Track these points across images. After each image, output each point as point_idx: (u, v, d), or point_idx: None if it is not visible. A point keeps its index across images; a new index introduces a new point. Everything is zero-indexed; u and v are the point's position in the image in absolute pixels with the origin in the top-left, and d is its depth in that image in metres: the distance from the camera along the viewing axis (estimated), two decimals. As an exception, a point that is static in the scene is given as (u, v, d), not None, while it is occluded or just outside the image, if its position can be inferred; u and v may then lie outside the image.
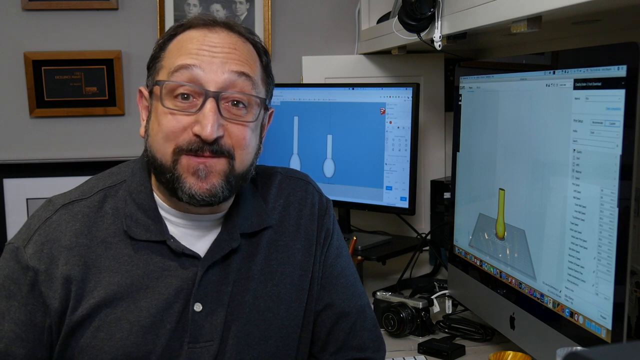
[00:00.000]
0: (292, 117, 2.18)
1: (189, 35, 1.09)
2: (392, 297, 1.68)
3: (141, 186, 1.12)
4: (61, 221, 1.09)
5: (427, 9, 1.55)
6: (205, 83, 1.05)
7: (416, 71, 2.27)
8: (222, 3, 2.33)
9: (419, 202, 2.16)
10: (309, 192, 1.24)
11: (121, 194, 1.12)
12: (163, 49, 1.11)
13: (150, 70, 1.13)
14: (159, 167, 1.07)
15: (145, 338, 1.07)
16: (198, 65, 1.05)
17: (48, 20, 2.27)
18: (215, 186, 1.06)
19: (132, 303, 1.07)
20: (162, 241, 1.09)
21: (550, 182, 1.25)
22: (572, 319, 1.19)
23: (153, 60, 1.12)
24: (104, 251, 1.08)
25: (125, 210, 1.10)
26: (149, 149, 1.09)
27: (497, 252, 1.46)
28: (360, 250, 1.98)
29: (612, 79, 1.08)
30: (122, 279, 1.07)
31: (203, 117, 1.04)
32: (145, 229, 1.09)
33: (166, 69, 1.08)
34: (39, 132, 2.31)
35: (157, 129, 1.06)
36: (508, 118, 1.42)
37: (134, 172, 1.15)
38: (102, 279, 1.07)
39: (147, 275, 1.08)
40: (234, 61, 1.07)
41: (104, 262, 1.08)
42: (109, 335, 1.06)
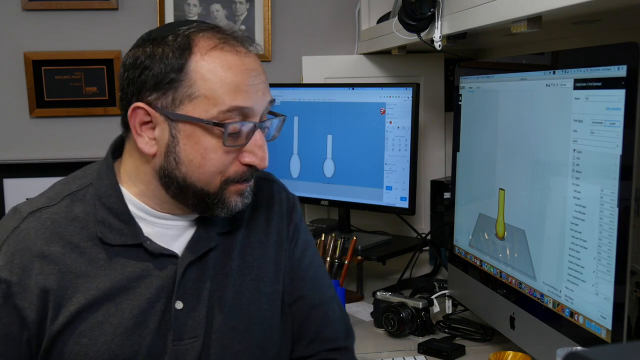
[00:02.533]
0: (292, 117, 2.17)
1: (224, 59, 1.05)
2: (392, 297, 1.68)
3: (110, 189, 1.10)
4: (30, 229, 1.06)
5: (427, 9, 1.55)
6: (252, 116, 1.07)
7: (416, 71, 2.27)
8: (222, 3, 2.33)
9: (419, 202, 2.16)
10: (276, 190, 1.26)
11: (89, 198, 1.11)
12: (184, 70, 1.04)
13: (164, 90, 1.05)
14: (199, 192, 1.07)
15: (129, 339, 1.07)
16: (252, 106, 1.06)
17: (48, 20, 2.27)
18: (250, 197, 1.13)
19: (113, 306, 1.07)
20: (137, 244, 1.09)
21: (550, 182, 1.25)
22: (572, 319, 1.19)
23: (172, 81, 1.04)
24: (78, 257, 1.06)
25: (96, 215, 1.09)
26: (181, 175, 1.07)
27: (497, 252, 1.46)
28: (360, 250, 1.98)
29: (612, 79, 1.08)
30: (101, 283, 1.06)
31: (258, 148, 1.07)
32: (119, 234, 1.08)
33: (211, 104, 1.03)
34: (39, 132, 2.31)
35: (202, 162, 1.06)
36: (508, 118, 1.42)
37: (100, 175, 1.13)
38: (79, 285, 1.06)
39: (126, 278, 1.08)
40: (267, 89, 1.10)
41: (79, 268, 1.06)
42: (92, 340, 1.05)
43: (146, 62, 1.05)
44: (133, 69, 1.06)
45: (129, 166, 1.13)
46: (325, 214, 2.36)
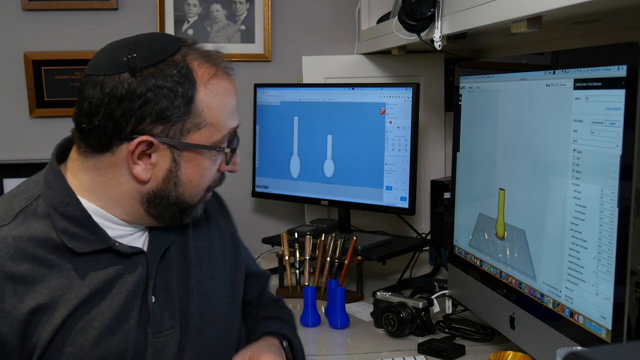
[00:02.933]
0: (292, 117, 2.18)
1: (221, 88, 1.12)
2: (392, 297, 1.68)
3: (66, 198, 1.10)
4: None
5: (427, 9, 1.55)
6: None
7: (416, 71, 2.27)
8: (222, 3, 2.33)
9: (419, 202, 2.16)
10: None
11: (41, 210, 1.09)
12: (193, 102, 1.08)
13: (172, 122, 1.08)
14: (185, 206, 1.16)
15: (113, 339, 1.08)
16: (240, 123, 1.19)
17: (48, 20, 2.27)
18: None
19: (93, 310, 1.07)
20: (106, 248, 1.10)
21: (550, 182, 1.25)
22: (572, 319, 1.19)
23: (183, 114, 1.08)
24: (48, 271, 1.05)
25: (56, 226, 1.07)
26: (177, 195, 1.14)
27: (497, 252, 1.46)
28: (360, 250, 1.98)
29: (612, 79, 1.08)
30: (79, 292, 1.06)
31: (236, 156, 1.20)
32: (86, 241, 1.08)
33: (216, 130, 1.12)
34: (39, 132, 2.31)
35: (200, 180, 1.15)
36: (508, 118, 1.42)
37: (49, 185, 1.11)
38: (58, 298, 1.05)
39: (102, 282, 1.09)
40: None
41: (52, 282, 1.05)
42: (78, 348, 1.05)
43: (148, 95, 1.05)
44: (129, 100, 1.06)
45: (86, 181, 1.12)
46: (325, 214, 2.36)
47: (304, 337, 1.67)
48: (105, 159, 1.10)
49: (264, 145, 2.26)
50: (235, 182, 2.50)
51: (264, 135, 2.26)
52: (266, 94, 2.24)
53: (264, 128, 2.26)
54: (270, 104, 2.23)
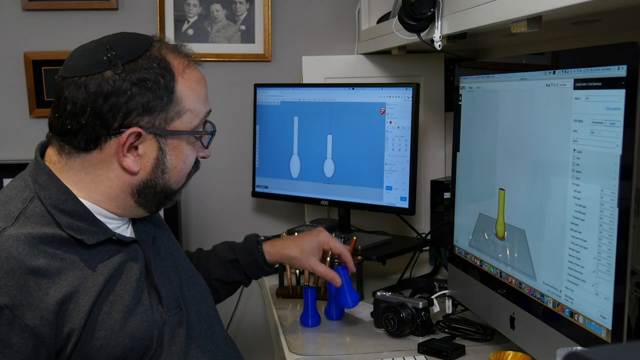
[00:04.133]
0: (292, 117, 2.18)
1: (193, 76, 1.22)
2: (392, 297, 1.68)
3: (64, 195, 1.14)
4: (9, 247, 1.04)
5: (427, 9, 1.55)
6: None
7: (416, 71, 2.27)
8: (222, 3, 2.33)
9: (419, 202, 2.16)
10: None
11: (40, 211, 1.11)
12: (172, 91, 1.17)
13: (157, 112, 1.16)
14: (171, 192, 1.25)
15: (137, 317, 1.15)
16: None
17: (48, 20, 2.27)
18: None
19: (111, 295, 1.13)
20: (107, 239, 1.17)
21: (550, 182, 1.25)
22: (572, 319, 1.19)
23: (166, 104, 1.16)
24: (62, 264, 1.08)
25: (61, 223, 1.11)
26: (162, 183, 1.21)
27: (497, 252, 1.46)
28: (360, 250, 1.98)
29: (612, 79, 1.08)
30: (95, 280, 1.12)
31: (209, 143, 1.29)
32: (90, 234, 1.14)
33: (194, 115, 1.22)
34: (39, 132, 2.29)
35: (183, 166, 1.23)
36: (508, 118, 1.42)
37: (42, 186, 1.14)
38: (79, 288, 1.09)
39: (111, 269, 1.15)
40: None
41: (69, 274, 1.09)
42: (109, 331, 1.11)
43: (133, 89, 1.12)
44: (116, 96, 1.11)
45: (72, 180, 1.16)
46: (325, 214, 2.36)
47: (304, 337, 1.67)
48: (93, 156, 1.15)
49: (264, 145, 2.26)
50: (235, 182, 2.50)
51: (264, 135, 2.26)
52: (266, 94, 2.24)
53: (264, 128, 2.26)
54: (270, 104, 2.23)
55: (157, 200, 1.24)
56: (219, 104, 2.37)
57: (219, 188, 2.39)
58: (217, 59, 2.34)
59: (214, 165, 2.37)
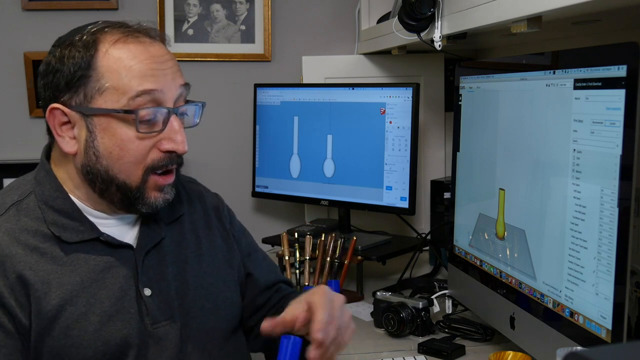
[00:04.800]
0: (292, 117, 2.18)
1: (126, 51, 1.10)
2: (392, 297, 1.68)
3: (55, 192, 1.14)
4: None
5: (427, 9, 1.55)
6: (164, 102, 1.12)
7: (416, 71, 2.27)
8: (222, 3, 2.33)
9: (419, 202, 2.16)
10: (203, 190, 1.40)
11: (32, 205, 1.14)
12: (91, 67, 1.09)
13: (74, 88, 1.10)
14: (121, 186, 1.12)
15: (116, 325, 1.11)
16: (159, 89, 1.10)
17: (48, 20, 2.27)
18: (171, 194, 1.18)
19: (91, 297, 1.11)
20: (93, 239, 1.14)
21: (550, 182, 1.25)
22: (572, 319, 1.19)
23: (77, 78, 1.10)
24: (40, 257, 1.10)
25: (46, 218, 1.12)
26: (102, 170, 1.11)
27: (497, 252, 1.46)
28: (360, 250, 1.98)
29: (612, 79, 1.08)
30: (71, 278, 1.11)
31: (174, 133, 1.12)
32: (75, 231, 1.13)
33: (120, 93, 1.08)
34: (39, 132, 2.29)
35: (121, 153, 1.10)
36: (508, 118, 1.42)
37: (39, 182, 1.16)
38: (51, 281, 1.09)
39: (92, 271, 1.13)
40: (178, 74, 1.15)
41: (46, 266, 1.10)
42: (83, 331, 1.09)
43: (57, 65, 1.11)
44: (46, 74, 1.13)
45: (61, 172, 1.17)
46: (325, 214, 2.36)
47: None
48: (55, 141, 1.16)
49: (264, 145, 2.26)
50: (235, 182, 2.50)
51: (264, 135, 2.26)
52: (266, 94, 2.24)
53: (264, 128, 2.26)
54: (270, 104, 2.23)
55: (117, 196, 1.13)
56: (219, 104, 2.37)
57: (219, 188, 2.37)
58: (217, 59, 2.34)
59: (214, 165, 2.37)
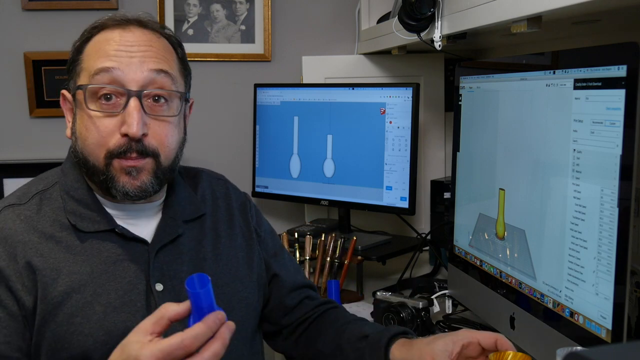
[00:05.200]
0: (292, 117, 2.18)
1: (104, 36, 1.15)
2: (392, 297, 1.68)
3: (77, 183, 1.19)
4: (7, 220, 1.14)
5: (427, 9, 1.55)
6: (126, 83, 1.12)
7: (416, 71, 2.27)
8: (222, 3, 2.33)
9: (419, 202, 2.16)
10: (230, 189, 1.39)
11: (55, 195, 1.18)
12: (80, 52, 1.16)
13: (70, 74, 1.18)
14: (92, 169, 1.14)
15: (121, 316, 1.12)
16: (117, 67, 1.12)
17: (48, 20, 2.27)
18: (145, 183, 1.15)
19: (98, 287, 1.12)
20: (109, 230, 1.16)
21: (550, 182, 1.25)
22: (572, 319, 1.19)
23: (72, 63, 1.17)
24: (55, 245, 1.13)
25: (66, 207, 1.16)
26: (79, 152, 1.15)
27: (497, 252, 1.46)
28: (360, 250, 1.98)
29: (612, 79, 1.08)
30: (82, 267, 1.13)
31: (128, 115, 1.11)
32: (91, 221, 1.16)
33: (86, 72, 1.14)
34: (39, 132, 2.31)
35: (86, 134, 1.13)
36: (508, 118, 1.42)
37: (64, 172, 1.21)
38: (62, 269, 1.12)
39: (103, 262, 1.14)
40: (151, 59, 1.14)
41: (58, 254, 1.12)
42: (85, 319, 1.11)
43: (70, 54, 1.18)
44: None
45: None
46: (325, 214, 2.36)
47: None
48: None
49: (264, 145, 2.26)
50: (235, 182, 2.49)
51: (264, 135, 2.26)
52: (266, 94, 2.24)
53: (264, 128, 2.26)
54: (270, 104, 2.23)
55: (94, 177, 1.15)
56: (219, 104, 2.37)
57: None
58: (217, 59, 2.34)
59: (214, 165, 2.36)
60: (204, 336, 0.89)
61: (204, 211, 1.30)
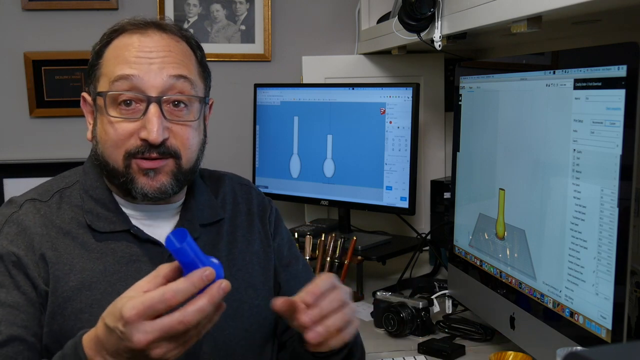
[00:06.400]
0: (292, 117, 2.18)
1: (123, 41, 1.16)
2: (392, 297, 1.68)
3: (96, 183, 1.20)
4: (28, 213, 1.16)
5: (427, 9, 1.55)
6: (146, 89, 1.12)
7: (416, 71, 2.27)
8: (222, 3, 2.33)
9: (419, 202, 2.16)
10: (254, 195, 1.36)
11: (75, 193, 1.20)
12: (100, 56, 1.17)
13: (90, 78, 1.19)
14: (112, 171, 1.15)
15: None
16: (137, 74, 1.12)
17: (48, 20, 2.27)
18: (164, 184, 1.15)
19: (109, 286, 1.13)
20: (125, 230, 1.16)
21: (550, 182, 1.25)
22: (572, 319, 1.19)
23: (92, 67, 1.18)
24: (70, 241, 1.14)
25: (84, 206, 1.18)
26: (100, 155, 1.16)
27: (497, 252, 1.46)
28: (360, 250, 1.98)
29: (612, 79, 1.08)
30: (95, 265, 1.14)
31: (148, 121, 1.11)
32: (108, 221, 1.17)
33: (106, 78, 1.14)
34: (39, 132, 2.31)
35: (105, 137, 1.14)
36: (508, 118, 1.42)
37: (85, 172, 1.22)
38: (75, 264, 1.13)
39: (117, 262, 1.15)
40: (170, 65, 1.15)
41: (73, 250, 1.14)
42: (93, 316, 1.09)
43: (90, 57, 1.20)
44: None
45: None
46: (325, 214, 2.36)
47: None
48: None
49: (264, 145, 2.26)
50: (235, 182, 2.50)
51: (264, 135, 2.26)
52: (266, 94, 2.24)
53: (264, 128, 2.26)
54: (270, 104, 2.23)
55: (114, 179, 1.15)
56: (219, 104, 2.36)
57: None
58: (217, 59, 2.34)
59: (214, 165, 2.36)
60: (186, 291, 0.87)
61: (222, 216, 1.28)
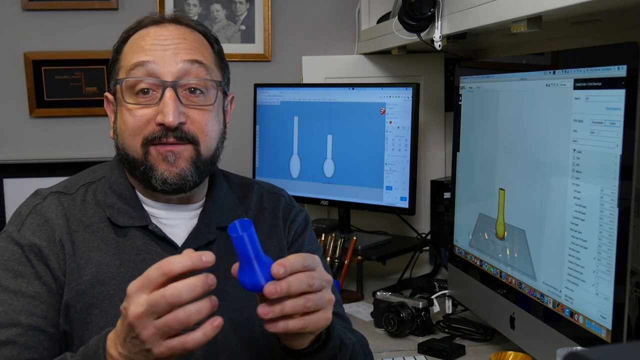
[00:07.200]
0: (292, 117, 2.18)
1: (140, 34, 1.19)
2: (392, 297, 1.68)
3: (120, 178, 1.21)
4: (51, 205, 1.17)
5: (427, 9, 1.55)
6: (161, 75, 1.13)
7: (416, 71, 2.27)
8: (222, 3, 2.33)
9: (419, 202, 2.16)
10: (282, 204, 1.33)
11: (101, 187, 1.21)
12: (119, 52, 1.19)
13: (110, 75, 1.21)
14: (132, 161, 1.15)
15: None
16: (152, 60, 1.14)
17: (48, 20, 2.27)
18: (184, 170, 1.14)
19: (122, 282, 1.12)
20: (144, 227, 1.17)
21: (550, 182, 1.25)
22: (572, 319, 1.19)
23: (112, 65, 1.20)
24: (90, 234, 1.15)
25: (106, 200, 1.19)
26: (120, 147, 1.18)
27: (497, 252, 1.46)
28: (360, 250, 1.98)
29: (612, 79, 1.08)
30: (111, 259, 1.14)
31: (164, 106, 1.12)
32: (128, 216, 1.17)
33: (124, 69, 1.17)
34: (39, 132, 2.31)
35: (124, 127, 1.15)
36: (508, 118, 1.42)
37: (111, 168, 1.24)
38: (92, 257, 1.13)
39: (133, 259, 1.15)
40: (185, 50, 1.16)
41: (92, 244, 1.15)
42: (103, 312, 1.11)
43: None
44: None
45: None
46: (325, 214, 2.36)
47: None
48: None
49: (264, 145, 2.26)
50: (235, 182, 2.50)
51: (264, 135, 2.26)
52: (266, 94, 2.24)
53: (264, 128, 2.26)
54: (270, 104, 2.23)
55: (135, 172, 1.16)
56: (219, 104, 2.37)
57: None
58: (217, 59, 2.34)
59: (214, 165, 2.36)
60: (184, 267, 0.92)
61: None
